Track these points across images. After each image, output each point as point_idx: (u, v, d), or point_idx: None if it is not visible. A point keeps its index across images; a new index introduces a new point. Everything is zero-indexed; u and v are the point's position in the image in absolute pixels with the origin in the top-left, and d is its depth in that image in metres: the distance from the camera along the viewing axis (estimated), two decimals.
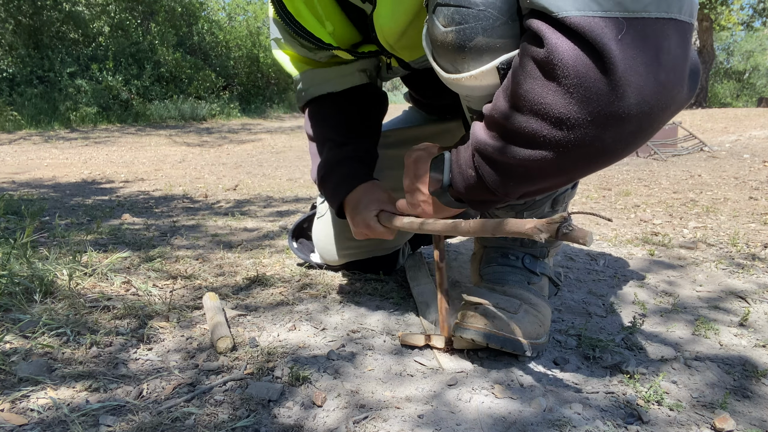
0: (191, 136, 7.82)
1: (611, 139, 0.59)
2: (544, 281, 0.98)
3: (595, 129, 0.58)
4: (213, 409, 0.74)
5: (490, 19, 0.64)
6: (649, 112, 0.57)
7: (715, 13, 12.82)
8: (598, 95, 0.56)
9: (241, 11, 14.41)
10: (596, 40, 0.55)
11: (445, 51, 0.68)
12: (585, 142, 0.59)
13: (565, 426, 0.71)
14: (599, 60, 0.55)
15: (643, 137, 0.61)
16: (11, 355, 0.86)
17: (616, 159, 0.64)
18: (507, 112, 0.63)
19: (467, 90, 0.72)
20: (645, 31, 0.55)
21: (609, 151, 0.61)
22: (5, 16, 10.04)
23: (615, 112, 0.57)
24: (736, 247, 1.65)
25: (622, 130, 0.59)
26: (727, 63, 27.45)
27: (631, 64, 0.55)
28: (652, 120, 0.59)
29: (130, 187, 3.33)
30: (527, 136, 0.62)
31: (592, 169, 0.65)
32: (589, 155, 0.61)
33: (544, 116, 0.60)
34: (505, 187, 0.69)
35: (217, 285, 1.28)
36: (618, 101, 0.56)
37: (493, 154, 0.67)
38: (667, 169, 3.94)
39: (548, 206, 0.93)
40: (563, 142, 0.60)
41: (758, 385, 0.83)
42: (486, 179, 0.70)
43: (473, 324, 0.86)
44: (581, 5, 0.55)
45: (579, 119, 0.58)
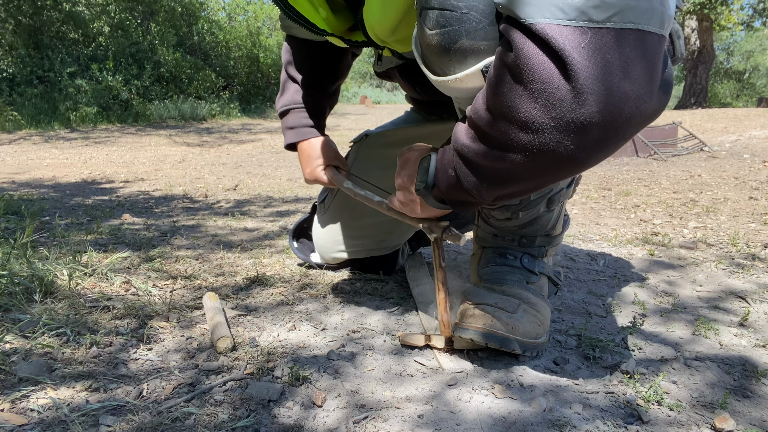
0: (191, 136, 7.82)
1: (574, 146, 0.60)
2: (543, 280, 0.98)
3: (558, 134, 0.59)
4: (213, 409, 0.74)
5: (473, 22, 0.65)
6: (612, 120, 0.58)
7: (715, 13, 12.81)
8: (561, 101, 0.57)
9: (241, 11, 14.41)
10: (559, 47, 0.56)
11: (432, 53, 0.70)
12: (549, 147, 0.60)
13: (565, 426, 0.71)
14: (562, 67, 0.56)
15: (608, 146, 0.62)
16: (11, 355, 0.86)
17: (584, 166, 0.64)
18: (483, 114, 0.65)
19: (455, 92, 0.73)
20: (608, 41, 0.56)
21: (574, 158, 0.62)
22: (5, 16, 10.04)
23: (577, 119, 0.58)
24: (736, 247, 1.65)
25: (585, 137, 0.59)
26: (727, 63, 27.45)
27: (593, 72, 0.56)
28: (616, 129, 0.59)
29: (130, 187, 3.33)
30: (498, 138, 0.64)
31: (561, 175, 0.66)
32: (554, 161, 0.62)
33: (512, 119, 0.61)
34: (479, 190, 0.71)
35: (217, 285, 1.28)
36: (579, 108, 0.57)
37: (469, 155, 0.69)
38: (667, 169, 3.94)
39: (543, 206, 0.93)
40: (529, 146, 0.61)
41: (758, 385, 0.83)
42: (462, 180, 0.71)
43: (472, 324, 0.86)
44: (547, 13, 0.56)
45: (543, 124, 0.59)
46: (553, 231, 0.99)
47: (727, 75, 26.18)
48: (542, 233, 0.97)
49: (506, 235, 0.98)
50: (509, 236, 0.98)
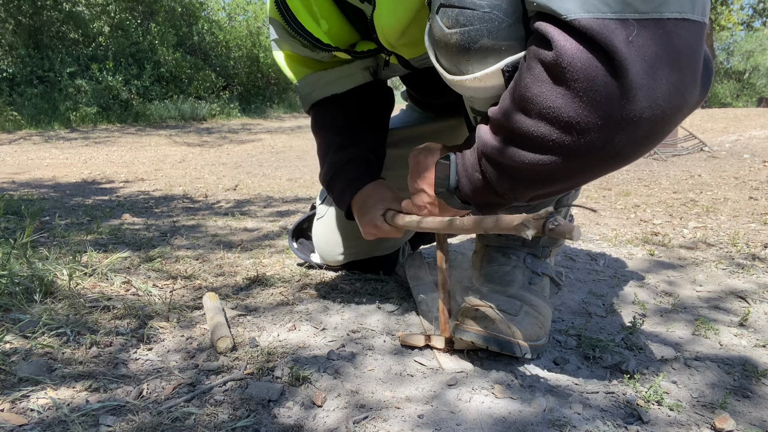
0: (191, 136, 7.82)
1: (622, 143, 0.58)
2: (546, 281, 0.98)
3: (606, 133, 0.57)
4: (213, 409, 0.74)
5: (495, 21, 0.63)
6: (661, 114, 0.56)
7: (715, 13, 12.82)
8: (609, 99, 0.55)
9: (241, 11, 14.40)
10: (606, 42, 0.53)
11: (449, 52, 0.67)
12: (595, 146, 0.58)
13: (565, 426, 0.71)
14: (609, 63, 0.54)
15: (655, 140, 0.60)
16: (11, 355, 0.86)
17: (627, 162, 0.63)
18: (514, 115, 0.62)
19: (471, 92, 0.71)
20: (656, 32, 0.54)
21: (620, 155, 0.60)
22: (5, 16, 10.04)
23: (626, 116, 0.56)
24: (736, 247, 1.65)
25: (633, 133, 0.57)
26: (727, 63, 27.45)
27: (642, 67, 0.54)
28: (664, 123, 0.58)
29: (130, 187, 3.33)
30: (536, 140, 0.61)
31: (603, 172, 0.65)
32: (599, 159, 0.60)
33: (553, 120, 0.59)
34: (514, 191, 0.69)
35: (217, 285, 1.28)
36: (629, 105, 0.55)
37: (500, 158, 0.66)
38: (667, 169, 3.94)
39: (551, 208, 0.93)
40: (573, 146, 0.59)
41: (758, 385, 0.83)
42: (493, 183, 0.69)
43: (473, 326, 0.86)
44: (590, 7, 0.54)
45: (589, 124, 0.57)
46: None
47: (727, 75, 26.17)
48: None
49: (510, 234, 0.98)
50: (513, 236, 0.98)
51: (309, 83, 1.08)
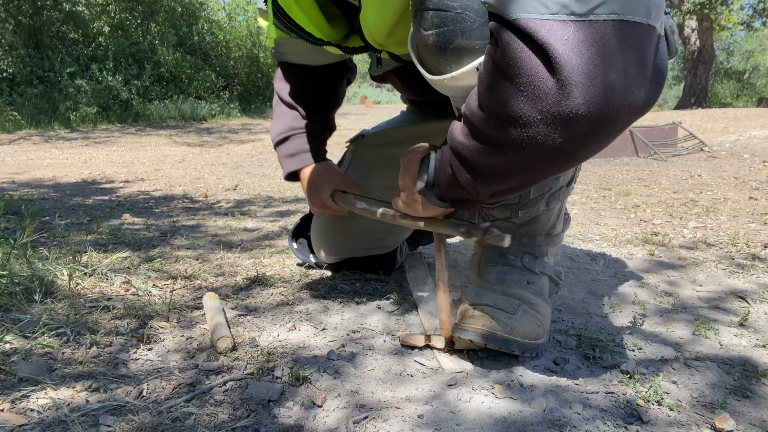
0: (191, 136, 7.82)
1: (563, 139, 0.60)
2: (544, 280, 0.98)
3: (545, 128, 0.60)
4: (213, 409, 0.74)
5: (467, 22, 0.66)
6: (599, 112, 0.58)
7: (715, 13, 12.81)
8: (546, 94, 0.58)
9: (241, 11, 14.40)
10: (542, 41, 0.57)
11: (428, 53, 0.71)
12: (537, 140, 0.61)
13: (565, 426, 0.71)
14: (546, 60, 0.57)
15: (598, 138, 0.62)
16: (11, 355, 0.86)
17: (575, 159, 0.64)
18: (475, 110, 0.66)
19: (451, 91, 0.74)
20: (592, 32, 0.57)
21: (564, 151, 0.62)
22: (5, 16, 10.04)
23: (563, 112, 0.58)
24: (736, 247, 1.65)
25: (572, 129, 0.59)
26: (727, 63, 27.45)
27: (577, 65, 0.56)
28: (604, 121, 0.59)
29: (130, 187, 3.33)
30: (489, 134, 0.65)
31: (553, 169, 0.67)
32: (544, 155, 0.63)
33: (501, 115, 0.62)
34: (474, 186, 0.71)
35: (217, 285, 1.28)
36: (565, 100, 0.57)
37: (464, 152, 0.69)
38: (667, 169, 3.94)
39: (543, 204, 0.93)
40: (518, 140, 0.62)
41: (758, 385, 0.83)
42: (459, 177, 0.72)
43: (472, 325, 0.86)
44: (530, 9, 0.57)
45: (530, 118, 0.60)
46: (554, 230, 0.99)
47: (727, 75, 26.18)
48: (543, 232, 0.97)
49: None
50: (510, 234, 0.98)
51: (284, 44, 1.15)
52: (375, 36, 0.89)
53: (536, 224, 0.96)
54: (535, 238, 0.97)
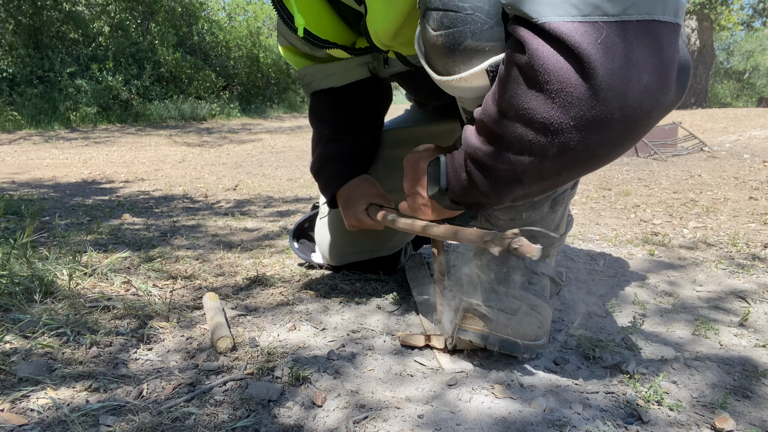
0: (191, 136, 7.82)
1: (596, 144, 0.59)
2: (546, 281, 0.98)
3: (578, 134, 0.58)
4: (213, 409, 0.74)
5: (477, 23, 0.65)
6: (632, 115, 0.57)
7: (715, 13, 12.81)
8: (580, 100, 0.56)
9: (241, 11, 14.40)
10: (575, 45, 0.55)
11: (436, 54, 0.70)
12: (569, 147, 0.60)
13: (565, 426, 0.71)
14: (579, 65, 0.55)
15: (629, 140, 0.61)
16: (11, 355, 0.86)
17: (603, 163, 0.64)
18: (495, 116, 0.64)
19: (459, 92, 0.73)
20: (626, 34, 0.55)
21: (594, 156, 0.61)
22: (5, 16, 10.04)
23: (597, 117, 0.57)
24: (736, 247, 1.65)
25: (606, 134, 0.58)
26: (727, 63, 27.45)
27: (611, 68, 0.55)
28: (636, 123, 0.58)
29: (130, 187, 3.33)
30: (513, 141, 0.63)
31: (580, 173, 0.66)
32: (574, 160, 0.62)
33: (529, 122, 0.60)
34: (496, 192, 0.70)
35: (217, 285, 1.28)
36: (600, 105, 0.56)
37: (483, 158, 0.68)
38: (667, 169, 3.94)
39: (548, 206, 0.93)
40: (548, 147, 0.60)
41: (758, 385, 0.83)
42: (478, 183, 0.71)
43: (472, 325, 0.86)
44: (560, 11, 0.55)
45: (562, 124, 0.58)
46: (557, 231, 0.99)
47: (727, 75, 26.18)
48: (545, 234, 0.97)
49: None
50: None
51: (309, 74, 1.13)
52: (381, 38, 0.89)
53: (540, 226, 0.95)
54: (537, 239, 0.97)
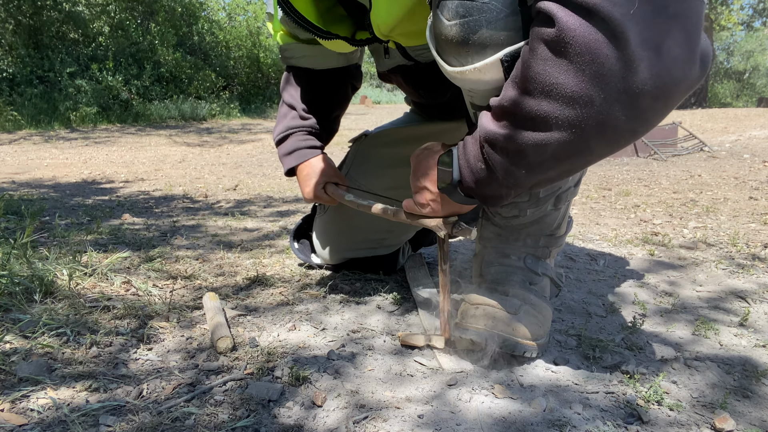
0: (191, 136, 7.82)
1: (625, 116, 0.59)
2: (546, 282, 0.98)
3: (609, 106, 0.58)
4: (213, 409, 0.74)
5: (494, 12, 0.65)
6: (663, 86, 0.57)
7: (715, 13, 12.82)
8: (611, 71, 0.56)
9: (241, 11, 14.39)
10: (607, 14, 0.55)
11: (449, 45, 0.69)
12: (600, 119, 0.59)
13: (565, 426, 0.71)
14: (611, 35, 0.55)
15: (658, 113, 0.61)
16: (11, 355, 0.86)
17: (635, 136, 0.63)
18: (517, 98, 0.63)
19: (471, 84, 0.72)
20: (657, 5, 0.55)
21: (626, 128, 0.61)
22: (5, 16, 10.03)
23: (629, 88, 0.57)
24: (736, 247, 1.65)
25: (636, 106, 0.58)
26: (727, 63, 27.45)
27: (644, 39, 0.55)
28: (667, 95, 0.58)
29: (130, 187, 3.33)
30: (540, 119, 0.62)
31: (607, 149, 0.65)
32: (605, 134, 0.61)
33: (557, 96, 0.60)
34: (516, 177, 0.69)
35: (217, 285, 1.28)
36: (632, 76, 0.56)
37: (504, 142, 0.67)
38: (667, 169, 3.94)
39: (551, 204, 0.92)
40: (577, 121, 0.60)
41: (758, 385, 0.83)
42: (497, 170, 0.70)
43: (473, 324, 0.86)
44: None
45: (592, 97, 0.58)
46: (558, 231, 0.99)
47: (727, 75, 26.19)
48: (547, 233, 0.97)
49: (510, 234, 0.98)
50: (513, 236, 0.97)
51: (290, 49, 1.22)
52: (382, 29, 0.91)
53: (542, 224, 0.95)
54: (539, 239, 0.97)
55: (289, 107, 1.26)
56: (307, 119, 1.24)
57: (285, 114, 1.26)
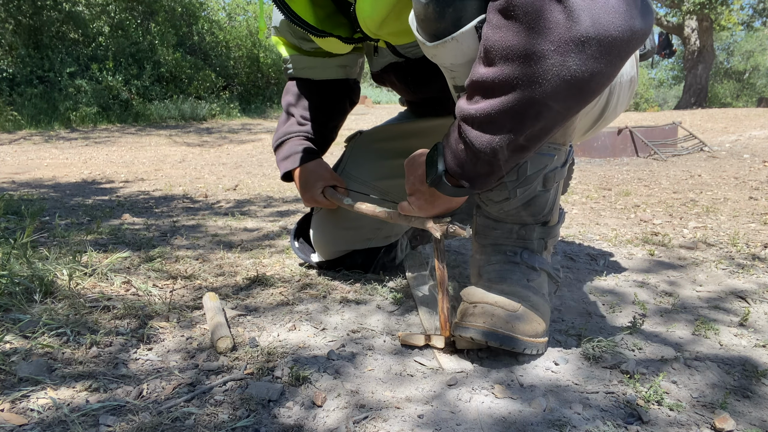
0: (191, 136, 7.82)
1: (576, 65, 0.65)
2: (544, 277, 0.98)
3: (559, 56, 0.64)
4: (213, 409, 0.74)
5: None
6: (605, 33, 0.63)
7: (715, 13, 12.81)
8: (557, 23, 0.63)
9: (241, 11, 14.39)
10: None
11: (428, 22, 0.76)
12: (553, 71, 0.65)
13: (565, 426, 0.71)
14: None
15: (608, 62, 0.65)
16: (11, 355, 0.86)
17: (588, 86, 0.67)
18: (481, 71, 0.70)
19: (452, 57, 0.77)
20: None
21: (578, 77, 0.66)
22: (5, 16, 10.04)
23: (574, 36, 0.63)
24: (736, 247, 1.65)
25: (583, 53, 0.64)
26: (727, 63, 27.44)
27: None
28: (611, 42, 0.64)
29: (130, 187, 3.33)
30: (503, 82, 0.68)
31: (573, 100, 0.69)
32: (561, 85, 0.66)
33: (513, 58, 0.66)
34: (494, 151, 0.73)
35: (217, 285, 1.28)
36: (575, 26, 0.63)
37: (477, 115, 0.72)
38: (667, 169, 3.94)
39: (540, 184, 0.92)
40: (534, 76, 0.66)
41: (758, 385, 0.83)
42: (475, 146, 0.74)
43: (473, 323, 0.86)
44: None
45: (544, 50, 0.64)
46: (550, 217, 0.99)
47: (727, 75, 26.18)
48: (540, 219, 0.97)
49: (505, 225, 0.98)
50: (508, 226, 0.98)
51: (295, 60, 1.29)
52: (369, 26, 0.96)
53: (534, 207, 0.95)
54: (533, 230, 0.97)
55: (288, 115, 1.31)
56: (304, 125, 1.29)
57: (283, 121, 1.31)
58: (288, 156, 1.27)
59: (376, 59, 1.22)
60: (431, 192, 0.87)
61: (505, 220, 0.97)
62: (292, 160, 1.26)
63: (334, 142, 1.40)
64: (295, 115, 1.29)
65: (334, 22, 1.08)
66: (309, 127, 1.29)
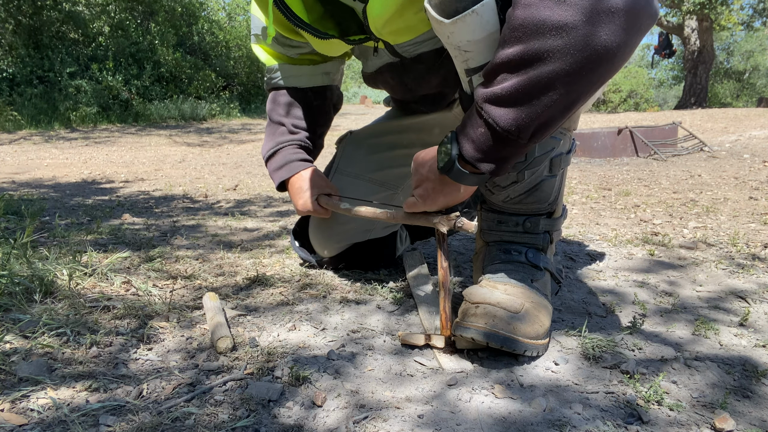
0: (191, 136, 7.82)
1: (605, 34, 0.67)
2: (547, 277, 0.98)
3: (590, 27, 0.67)
4: (213, 409, 0.74)
5: None
6: (633, 5, 0.67)
7: (715, 13, 12.81)
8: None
9: (241, 11, 14.39)
10: None
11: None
12: (585, 41, 0.67)
13: (565, 426, 0.71)
14: None
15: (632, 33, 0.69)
16: (11, 355, 0.86)
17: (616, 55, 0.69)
18: (509, 50, 0.71)
19: (470, 33, 0.77)
20: None
21: (607, 48, 0.68)
22: (5, 16, 10.03)
23: (603, 8, 0.66)
24: (736, 247, 1.65)
25: (613, 24, 0.67)
26: (727, 63, 27.44)
27: None
28: (636, 14, 0.68)
29: (130, 187, 3.33)
30: (533, 57, 0.69)
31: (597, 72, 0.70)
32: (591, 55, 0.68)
33: (544, 31, 0.68)
34: (518, 126, 0.74)
35: (217, 285, 1.28)
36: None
37: (502, 93, 0.73)
38: (667, 169, 3.94)
39: (546, 168, 0.94)
40: (565, 48, 0.68)
41: (758, 385, 0.83)
42: (500, 125, 0.74)
43: (474, 323, 0.86)
44: None
45: (575, 21, 0.67)
46: (555, 207, 0.99)
47: (727, 75, 26.18)
48: (545, 208, 0.97)
49: (511, 219, 0.98)
50: (513, 219, 0.98)
51: (282, 69, 1.28)
52: (376, 23, 0.97)
53: (540, 194, 0.96)
54: (538, 220, 0.97)
55: (277, 124, 1.30)
56: (296, 133, 1.28)
57: (273, 131, 1.30)
58: (282, 165, 1.27)
59: (372, 60, 1.21)
60: (441, 180, 0.86)
61: (511, 211, 0.97)
62: (288, 169, 1.26)
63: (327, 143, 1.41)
64: (286, 124, 1.28)
65: (325, 26, 1.08)
66: (302, 135, 1.29)
